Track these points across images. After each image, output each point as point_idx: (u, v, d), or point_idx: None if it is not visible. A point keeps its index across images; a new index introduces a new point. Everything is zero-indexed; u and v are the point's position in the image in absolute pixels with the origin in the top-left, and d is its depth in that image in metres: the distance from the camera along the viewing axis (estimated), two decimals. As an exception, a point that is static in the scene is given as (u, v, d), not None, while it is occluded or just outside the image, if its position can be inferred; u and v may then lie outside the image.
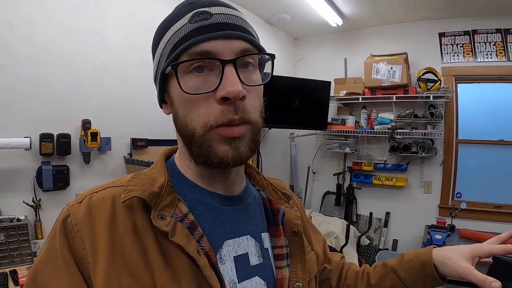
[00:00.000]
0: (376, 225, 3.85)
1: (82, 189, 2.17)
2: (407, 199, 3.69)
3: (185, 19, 0.56)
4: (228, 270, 0.59)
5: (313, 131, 4.01)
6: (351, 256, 3.32)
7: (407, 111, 3.41)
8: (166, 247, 0.54)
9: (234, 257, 0.61)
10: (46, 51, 1.99)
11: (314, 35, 4.28)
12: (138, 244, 0.54)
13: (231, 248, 0.61)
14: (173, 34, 0.57)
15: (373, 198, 3.91)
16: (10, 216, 1.80)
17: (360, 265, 2.91)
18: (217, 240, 0.60)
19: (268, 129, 3.77)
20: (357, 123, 3.86)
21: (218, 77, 0.54)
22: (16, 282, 1.54)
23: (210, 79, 0.55)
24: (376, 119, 3.65)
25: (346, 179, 4.06)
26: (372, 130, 3.62)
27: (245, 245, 0.64)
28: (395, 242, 3.73)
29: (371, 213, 3.55)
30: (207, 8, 0.57)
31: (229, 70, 0.54)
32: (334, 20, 3.53)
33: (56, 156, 2.03)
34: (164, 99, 0.64)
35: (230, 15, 0.58)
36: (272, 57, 0.62)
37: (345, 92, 3.74)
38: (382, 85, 3.43)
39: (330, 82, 3.66)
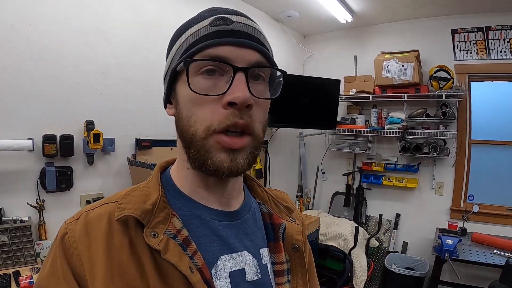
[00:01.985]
0: (385, 227, 3.84)
1: (85, 190, 2.23)
2: (418, 200, 3.67)
3: (205, 22, 0.58)
4: (223, 285, 0.60)
5: (322, 131, 4.00)
6: (360, 258, 3.33)
7: (419, 110, 3.38)
8: (161, 263, 0.55)
9: (229, 272, 0.62)
10: (49, 52, 2.01)
11: (323, 32, 4.26)
12: (135, 260, 0.55)
13: (227, 264, 0.62)
14: (191, 34, 0.59)
15: (383, 199, 3.90)
16: (13, 218, 1.84)
17: (369, 268, 2.89)
18: (212, 255, 0.61)
19: (276, 128, 3.78)
20: (367, 123, 3.84)
21: (228, 82, 0.56)
22: (17, 284, 1.58)
23: (219, 83, 0.57)
24: (386, 118, 3.63)
25: (356, 179, 4.05)
26: (382, 130, 3.61)
27: (242, 260, 0.64)
28: (405, 244, 3.71)
29: (380, 215, 3.55)
30: (229, 15, 0.59)
31: (240, 77, 0.56)
32: (343, 16, 3.52)
33: (59, 157, 2.06)
34: (169, 99, 0.65)
35: (249, 26, 0.60)
36: (284, 74, 0.63)
37: (355, 90, 3.73)
38: (393, 83, 3.40)
39: (339, 80, 3.66)
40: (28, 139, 1.91)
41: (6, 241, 1.75)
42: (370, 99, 3.63)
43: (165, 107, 0.67)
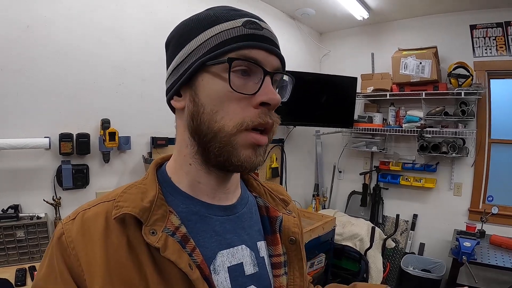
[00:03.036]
0: (402, 228, 3.81)
1: (101, 187, 2.29)
2: (436, 201, 3.62)
3: (237, 22, 0.60)
4: (222, 280, 0.62)
5: (339, 129, 4.00)
6: (376, 259, 3.31)
7: (437, 109, 3.33)
8: (159, 261, 0.57)
9: (228, 267, 0.63)
10: (64, 52, 2.07)
11: (339, 29, 4.25)
12: (133, 258, 0.56)
13: (225, 259, 0.64)
14: (222, 31, 0.60)
15: (400, 199, 3.86)
16: (30, 214, 1.90)
17: (385, 269, 2.88)
18: (210, 251, 0.62)
19: (293, 126, 3.80)
20: (384, 121, 3.81)
21: (257, 84, 0.59)
22: (32, 279, 1.62)
23: (249, 83, 0.60)
24: (404, 116, 3.58)
25: (373, 178, 4.03)
26: (400, 128, 3.58)
27: (239, 255, 0.66)
28: (422, 246, 3.67)
29: (397, 215, 3.51)
30: (257, 20, 0.62)
31: (268, 80, 0.60)
32: (360, 13, 3.50)
33: (75, 155, 2.12)
34: (179, 92, 0.65)
35: (273, 34, 0.64)
36: (293, 79, 0.68)
37: (372, 88, 3.70)
38: (411, 81, 3.36)
39: (356, 78, 3.65)
40: (44, 137, 1.98)
41: (23, 237, 1.82)
42: (388, 97, 3.60)
43: (171, 98, 0.67)
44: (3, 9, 1.82)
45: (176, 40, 0.66)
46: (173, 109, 0.69)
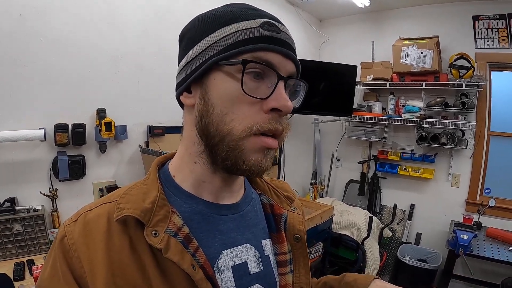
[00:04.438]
0: (400, 217, 3.84)
1: (98, 178, 2.29)
2: (434, 191, 3.65)
3: (254, 23, 0.58)
4: (226, 280, 0.61)
5: (338, 117, 3.99)
6: (373, 248, 3.35)
7: (437, 99, 3.32)
8: (162, 262, 0.56)
9: (232, 266, 0.63)
10: (59, 40, 2.02)
11: (339, 16, 4.19)
12: (135, 259, 0.56)
13: (229, 258, 0.63)
14: (239, 31, 0.58)
15: (398, 189, 3.89)
16: (27, 207, 1.90)
17: (381, 258, 2.92)
18: (214, 250, 0.62)
19: (291, 114, 3.77)
20: (384, 110, 3.80)
21: (269, 88, 0.58)
22: (31, 273, 1.63)
23: (262, 87, 0.58)
24: (404, 106, 3.57)
25: (371, 168, 4.05)
26: (399, 118, 3.57)
27: (243, 254, 0.65)
28: (418, 236, 3.71)
29: (395, 205, 3.55)
30: (276, 22, 0.60)
31: (281, 85, 0.58)
32: (361, 0, 3.44)
33: (71, 146, 2.11)
34: (189, 88, 0.64)
35: (291, 37, 0.62)
36: (307, 86, 0.67)
37: (372, 77, 3.68)
38: (412, 70, 3.34)
39: (356, 66, 3.62)
40: (39, 128, 1.96)
41: (20, 230, 1.83)
42: (388, 86, 3.58)
43: (180, 94, 0.66)
44: None
45: (191, 35, 0.64)
46: (182, 104, 0.68)
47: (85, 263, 0.55)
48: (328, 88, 3.57)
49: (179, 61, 0.66)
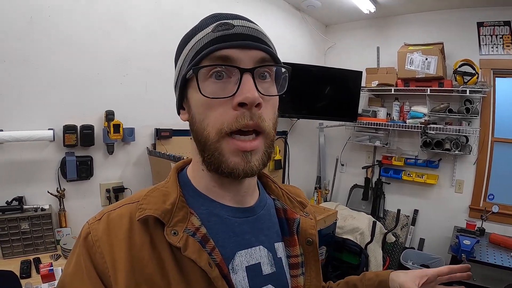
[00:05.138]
0: (403, 223, 3.84)
1: (105, 179, 2.33)
2: (437, 197, 3.65)
3: (208, 29, 0.61)
4: (240, 279, 0.64)
5: (343, 123, 4.00)
6: (376, 253, 3.36)
7: (442, 105, 3.33)
8: (181, 259, 0.59)
9: (246, 267, 0.65)
10: (68, 43, 2.06)
11: (345, 22, 4.23)
12: (155, 256, 0.59)
13: (243, 259, 0.65)
14: (196, 42, 0.62)
15: (401, 194, 3.90)
16: (34, 206, 1.93)
17: (384, 264, 2.93)
18: (229, 251, 0.64)
19: (296, 119, 3.82)
20: (388, 116, 3.81)
21: (236, 84, 0.59)
22: (38, 271, 1.66)
23: (228, 86, 0.59)
24: (408, 112, 3.59)
25: (375, 173, 4.06)
26: (404, 124, 3.58)
27: (257, 255, 0.68)
28: (421, 241, 3.71)
29: (398, 210, 3.53)
30: (230, 20, 0.62)
31: (247, 78, 0.59)
32: (366, 6, 3.49)
33: (80, 147, 2.14)
34: (182, 105, 0.68)
35: (250, 27, 0.63)
36: (288, 69, 0.66)
37: (377, 82, 3.70)
38: (416, 76, 3.36)
39: (361, 72, 3.65)
40: (48, 129, 2.00)
41: (27, 229, 1.86)
42: (392, 92, 3.60)
43: (179, 113, 0.70)
44: (6, 1, 1.82)
45: (175, 58, 0.69)
46: None
47: (108, 259, 0.58)
48: (333, 93, 3.61)
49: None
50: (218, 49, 0.59)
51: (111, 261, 0.58)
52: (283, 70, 0.66)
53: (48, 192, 2.04)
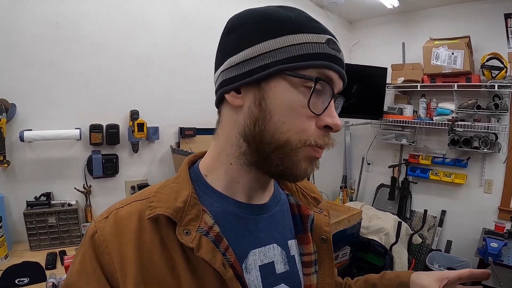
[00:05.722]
0: (430, 224, 3.76)
1: (131, 176, 2.44)
2: (466, 198, 3.55)
3: (320, 38, 0.59)
4: (253, 279, 0.63)
5: (368, 120, 3.98)
6: (401, 255, 3.31)
7: (469, 102, 3.23)
8: (192, 259, 0.57)
9: (259, 266, 0.64)
10: (92, 45, 2.18)
11: (369, 18, 4.19)
12: (166, 257, 0.57)
13: (257, 258, 0.65)
14: (307, 43, 0.58)
15: (429, 194, 3.81)
16: (62, 201, 2.04)
17: (410, 265, 2.91)
18: (242, 250, 0.63)
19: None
20: (415, 113, 3.74)
21: (323, 104, 0.59)
22: (62, 263, 1.74)
23: (317, 102, 0.59)
24: (435, 109, 3.51)
25: (402, 172, 3.99)
26: (430, 121, 3.51)
27: (271, 253, 0.67)
28: (449, 243, 3.61)
29: (425, 210, 3.46)
30: (336, 40, 0.62)
31: (332, 103, 0.61)
32: (390, 1, 3.45)
33: (105, 145, 2.25)
34: (240, 88, 0.62)
35: (343, 57, 0.64)
36: (343, 101, 0.69)
37: (402, 79, 3.64)
38: (443, 72, 3.28)
39: (386, 68, 3.61)
40: (75, 128, 2.12)
41: (54, 223, 1.97)
42: (418, 89, 3.52)
43: (225, 92, 0.64)
44: (33, 7, 1.95)
45: (247, 31, 0.61)
46: (220, 100, 0.67)
47: (116, 260, 0.56)
48: (358, 91, 3.58)
49: (224, 53, 0.64)
50: (330, 68, 0.59)
51: (119, 262, 0.56)
52: (342, 100, 0.70)
53: (75, 188, 2.16)
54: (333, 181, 4.41)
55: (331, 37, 0.60)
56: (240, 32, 0.62)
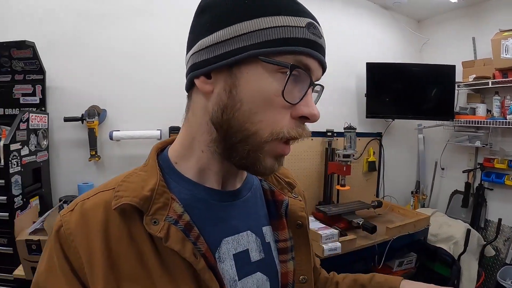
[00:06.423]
0: (506, 235, 3.38)
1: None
2: (547, 206, 3.10)
3: (300, 21, 0.55)
4: (227, 268, 0.61)
5: (440, 122, 3.78)
6: (470, 266, 3.10)
7: (547, 96, 2.93)
8: (162, 251, 0.55)
9: (233, 254, 0.63)
10: (170, 58, 2.48)
11: (436, 15, 4.00)
12: (134, 249, 0.55)
13: (230, 246, 0.63)
14: (285, 26, 0.54)
15: (505, 202, 3.43)
16: None
17: (479, 279, 2.83)
18: (215, 238, 0.61)
19: (391, 120, 3.81)
20: (489, 112, 3.45)
21: (300, 93, 0.56)
22: None
23: (293, 91, 0.56)
24: (509, 107, 3.22)
25: (477, 177, 3.70)
26: (504, 120, 3.20)
27: (245, 241, 0.65)
28: (525, 257, 3.20)
29: (500, 219, 3.18)
30: (317, 24, 0.58)
31: (310, 91, 0.58)
32: (453, -5, 3.30)
33: None
34: (210, 73, 0.58)
35: (324, 42, 0.60)
36: (323, 89, 0.68)
37: (474, 76, 3.41)
38: (514, 65, 3.00)
39: (454, 66, 3.43)
40: (157, 130, 2.51)
41: None
42: (490, 85, 3.26)
43: (195, 77, 0.60)
44: (112, 31, 2.46)
45: (221, 12, 0.57)
46: (191, 85, 0.65)
47: (83, 254, 0.54)
48: (426, 91, 3.51)
49: (196, 36, 0.60)
50: (309, 55, 0.56)
51: (87, 255, 0.54)
52: (321, 88, 0.68)
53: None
54: (405, 187, 4.25)
55: (312, 20, 0.57)
56: (213, 12, 0.58)
